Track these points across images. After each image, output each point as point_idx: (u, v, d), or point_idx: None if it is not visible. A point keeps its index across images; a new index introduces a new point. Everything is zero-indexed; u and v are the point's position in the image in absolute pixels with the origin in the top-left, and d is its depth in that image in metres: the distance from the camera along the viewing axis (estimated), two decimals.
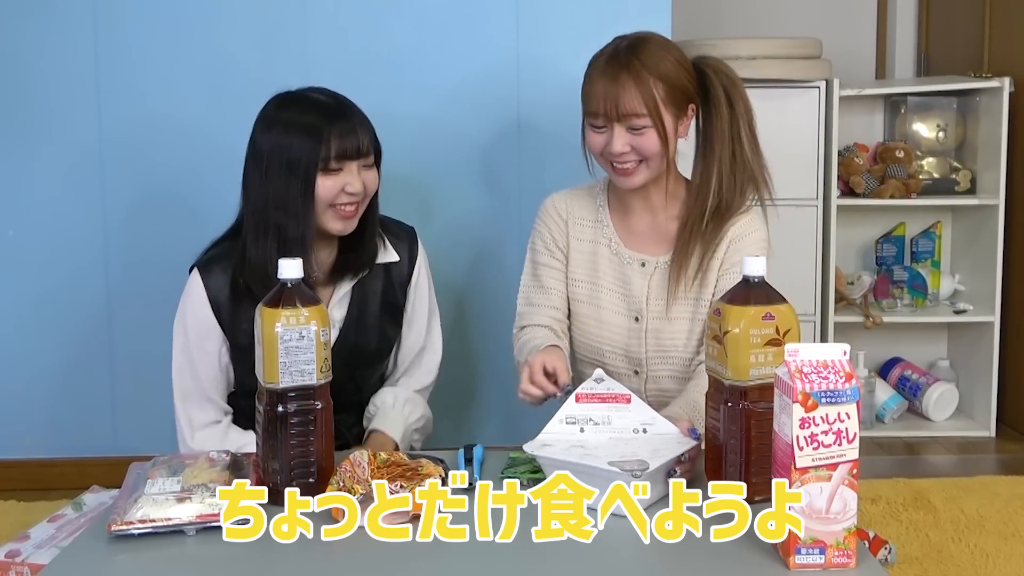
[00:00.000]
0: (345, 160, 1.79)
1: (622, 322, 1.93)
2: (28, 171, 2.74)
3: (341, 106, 1.84)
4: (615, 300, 1.94)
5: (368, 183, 1.84)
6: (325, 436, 1.48)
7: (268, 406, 1.45)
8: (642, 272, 1.93)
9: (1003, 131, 3.26)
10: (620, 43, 1.86)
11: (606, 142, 1.84)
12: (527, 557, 1.30)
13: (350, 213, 1.82)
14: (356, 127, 1.81)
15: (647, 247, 1.94)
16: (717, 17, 3.79)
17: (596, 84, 1.83)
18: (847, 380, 1.23)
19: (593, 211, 1.98)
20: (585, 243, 1.97)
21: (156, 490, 1.41)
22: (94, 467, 2.72)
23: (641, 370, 1.94)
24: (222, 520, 1.32)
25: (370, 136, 1.84)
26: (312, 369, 1.45)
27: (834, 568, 1.25)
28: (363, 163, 1.83)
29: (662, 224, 1.94)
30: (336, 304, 1.93)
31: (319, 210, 1.80)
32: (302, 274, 1.48)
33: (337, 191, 1.80)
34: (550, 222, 2.00)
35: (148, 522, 1.36)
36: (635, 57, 1.81)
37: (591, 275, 1.96)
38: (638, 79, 1.79)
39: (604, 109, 1.81)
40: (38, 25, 2.67)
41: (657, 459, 1.42)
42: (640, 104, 1.80)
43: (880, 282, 3.52)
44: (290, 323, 1.43)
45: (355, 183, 1.80)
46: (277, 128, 1.81)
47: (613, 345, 1.94)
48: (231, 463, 1.51)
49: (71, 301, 2.77)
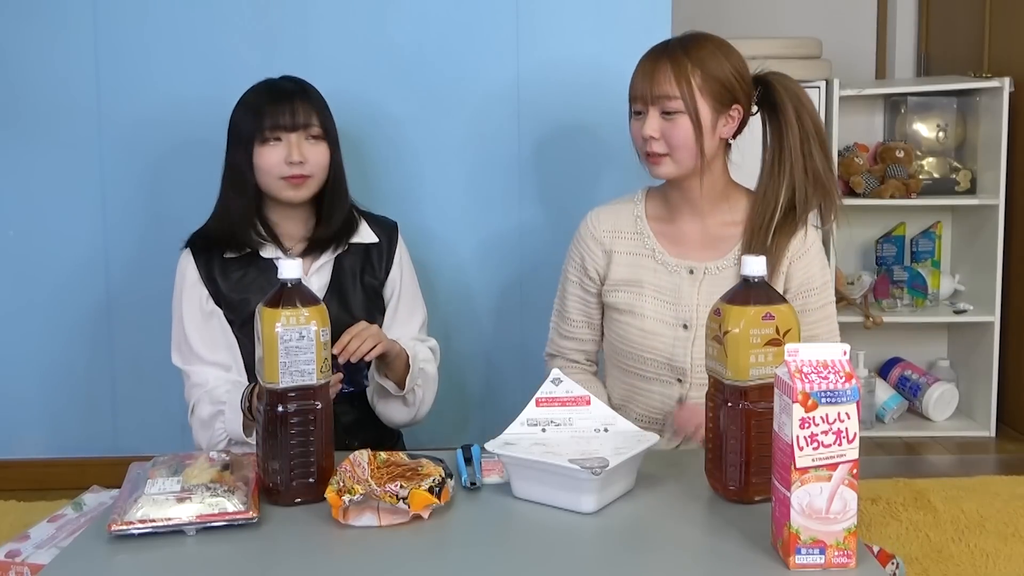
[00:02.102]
0: (280, 131, 1.92)
1: (668, 331, 1.90)
2: (28, 171, 2.73)
3: (288, 86, 1.98)
4: (660, 308, 1.91)
5: (313, 155, 1.94)
6: (325, 436, 1.48)
7: (268, 406, 1.45)
8: (691, 279, 1.90)
9: (1003, 131, 3.26)
10: (674, 38, 1.90)
11: (641, 127, 1.85)
12: (526, 556, 1.31)
13: (298, 182, 1.93)
14: (295, 102, 1.93)
15: (694, 253, 1.92)
16: (717, 17, 3.78)
17: (638, 71, 1.87)
18: (847, 380, 1.23)
19: (632, 222, 1.97)
20: (625, 255, 1.95)
21: (156, 490, 1.41)
22: (94, 467, 2.72)
23: (685, 379, 1.90)
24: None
25: (315, 112, 1.95)
26: (312, 369, 1.45)
27: (834, 568, 1.25)
28: (305, 135, 1.93)
29: (712, 229, 1.92)
30: (315, 273, 2.01)
31: (267, 180, 1.94)
32: (302, 274, 1.49)
33: (277, 161, 1.92)
34: (584, 247, 1.99)
35: (148, 522, 1.36)
36: (681, 47, 1.85)
37: (633, 285, 1.93)
38: (675, 63, 1.82)
39: (640, 92, 1.85)
40: (38, 25, 2.67)
41: (617, 457, 1.42)
42: (673, 86, 1.81)
43: (880, 282, 3.52)
44: (290, 323, 1.43)
45: (294, 153, 1.91)
46: (238, 108, 1.99)
47: (656, 353, 1.91)
48: (231, 463, 1.51)
49: (71, 301, 2.77)
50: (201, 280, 1.98)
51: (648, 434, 1.53)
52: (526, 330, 2.78)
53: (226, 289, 1.98)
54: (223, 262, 1.99)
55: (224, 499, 1.38)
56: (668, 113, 1.83)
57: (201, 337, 1.98)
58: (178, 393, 2.82)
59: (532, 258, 2.76)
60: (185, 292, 1.99)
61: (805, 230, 1.91)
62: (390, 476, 1.44)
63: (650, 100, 1.83)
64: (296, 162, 1.92)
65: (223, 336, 1.98)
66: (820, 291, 1.91)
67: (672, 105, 1.82)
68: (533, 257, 2.76)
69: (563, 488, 1.41)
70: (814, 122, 1.89)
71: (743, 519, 1.37)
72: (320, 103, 1.99)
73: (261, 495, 1.46)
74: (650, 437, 1.52)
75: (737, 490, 1.42)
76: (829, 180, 1.89)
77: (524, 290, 2.78)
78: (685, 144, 1.83)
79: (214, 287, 1.98)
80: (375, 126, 2.66)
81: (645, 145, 1.86)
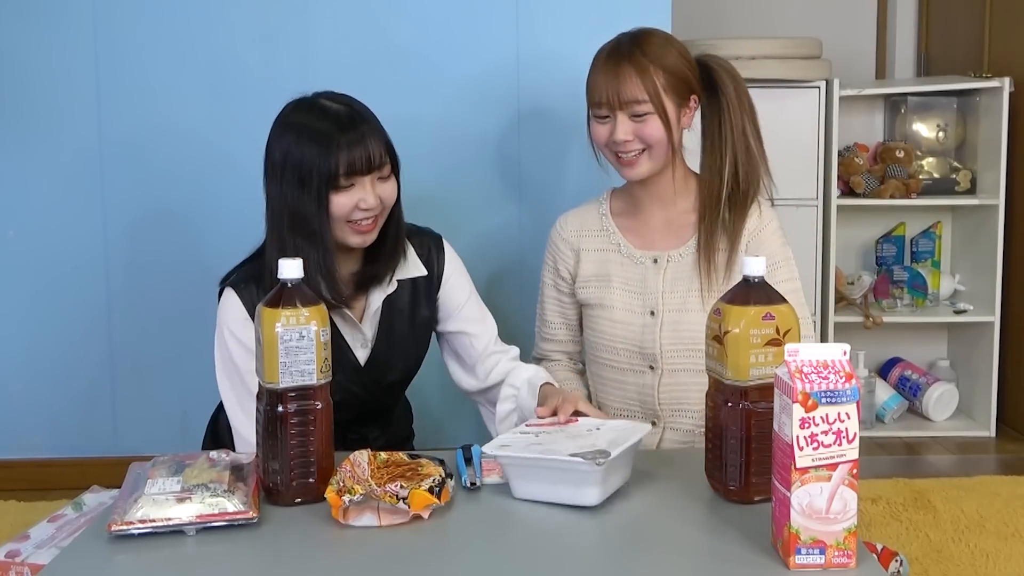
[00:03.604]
0: (355, 176, 1.72)
1: (636, 319, 1.96)
2: (28, 171, 2.74)
3: (352, 115, 1.75)
4: (627, 298, 1.97)
5: (384, 196, 1.76)
6: (325, 436, 1.47)
7: (268, 406, 1.45)
8: (655, 268, 1.96)
9: (1003, 131, 3.26)
10: (623, 37, 1.93)
11: (610, 132, 1.89)
12: (526, 556, 1.31)
13: (368, 228, 1.76)
14: (366, 138, 1.72)
15: (659, 242, 1.98)
16: (717, 17, 3.79)
17: (599, 75, 1.90)
18: (847, 380, 1.23)
19: (598, 220, 2.04)
20: (593, 252, 2.02)
21: (156, 490, 1.41)
22: (94, 467, 2.72)
23: (656, 365, 1.95)
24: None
25: (383, 146, 1.76)
26: (312, 369, 1.44)
27: (834, 568, 1.24)
28: (377, 176, 1.75)
29: (675, 217, 1.98)
30: (368, 320, 1.87)
31: (336, 226, 1.74)
32: (302, 274, 1.47)
33: (351, 207, 1.73)
34: (555, 249, 2.08)
35: (148, 522, 1.36)
36: (636, 47, 1.88)
37: (601, 279, 2.00)
38: (639, 67, 1.86)
39: (607, 98, 1.87)
40: (38, 25, 2.67)
41: (616, 447, 1.43)
42: (641, 90, 1.85)
43: (880, 282, 3.52)
44: (290, 323, 1.43)
45: (369, 198, 1.73)
46: (289, 136, 1.75)
47: (627, 342, 1.96)
48: (231, 463, 1.51)
49: (71, 301, 2.77)
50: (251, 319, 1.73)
51: (640, 424, 1.59)
52: (524, 329, 2.77)
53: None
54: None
55: (224, 499, 1.38)
56: (637, 115, 1.87)
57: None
58: (178, 393, 2.83)
59: (532, 257, 2.75)
60: (240, 360, 1.76)
61: (759, 208, 1.96)
62: (390, 476, 1.44)
63: (618, 105, 1.86)
64: (371, 207, 1.73)
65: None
66: (783, 266, 1.95)
67: (641, 108, 1.86)
68: (535, 256, 2.75)
69: (565, 483, 1.41)
70: (750, 101, 1.95)
71: (743, 519, 1.37)
72: (383, 130, 1.78)
73: (261, 495, 1.46)
74: (642, 427, 1.56)
75: (737, 490, 1.42)
76: (761, 156, 1.95)
77: (522, 289, 2.78)
78: (658, 142, 1.88)
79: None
80: None
81: (615, 147, 1.90)
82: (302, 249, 1.71)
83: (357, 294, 1.85)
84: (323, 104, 1.77)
